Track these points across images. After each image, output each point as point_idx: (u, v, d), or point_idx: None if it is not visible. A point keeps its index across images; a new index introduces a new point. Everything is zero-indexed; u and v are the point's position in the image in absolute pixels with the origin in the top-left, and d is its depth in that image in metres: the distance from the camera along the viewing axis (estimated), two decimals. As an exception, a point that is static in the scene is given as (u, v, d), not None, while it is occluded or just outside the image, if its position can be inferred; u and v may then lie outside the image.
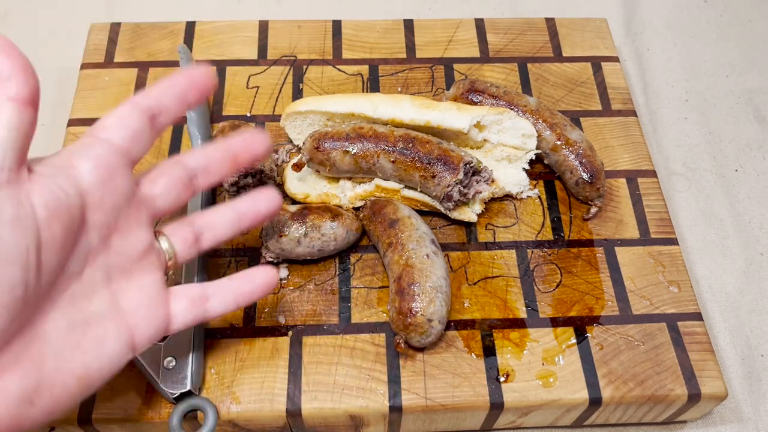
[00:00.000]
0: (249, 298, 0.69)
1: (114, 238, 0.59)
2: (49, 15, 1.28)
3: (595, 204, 0.94)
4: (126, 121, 0.60)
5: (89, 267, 0.57)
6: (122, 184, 0.59)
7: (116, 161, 0.58)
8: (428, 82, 1.08)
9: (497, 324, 0.84)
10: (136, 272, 0.62)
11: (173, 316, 0.64)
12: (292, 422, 0.79)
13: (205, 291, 0.67)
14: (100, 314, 0.58)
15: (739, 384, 0.92)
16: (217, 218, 0.69)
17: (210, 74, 0.64)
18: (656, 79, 1.25)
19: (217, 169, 0.67)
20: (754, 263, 1.03)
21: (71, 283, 0.55)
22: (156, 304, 0.63)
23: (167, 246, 0.65)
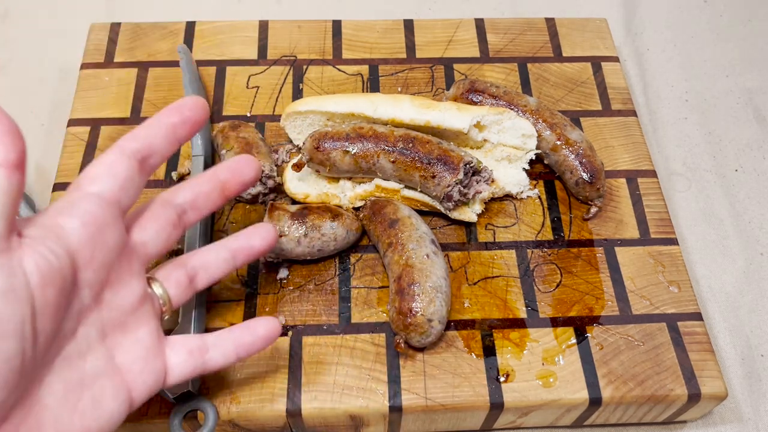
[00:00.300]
0: (250, 349, 0.68)
1: (106, 293, 0.57)
2: (49, 15, 1.28)
3: (595, 204, 0.94)
4: (114, 170, 0.57)
5: (82, 325, 0.55)
6: (112, 237, 0.56)
7: (105, 215, 0.56)
8: (428, 82, 1.08)
9: (497, 324, 0.84)
10: (131, 324, 0.60)
11: (170, 368, 0.63)
12: (292, 422, 0.79)
13: (204, 342, 0.66)
14: (96, 373, 0.56)
15: (739, 384, 0.92)
16: (212, 258, 0.68)
17: (201, 105, 0.62)
18: (656, 79, 1.25)
19: (205, 202, 0.66)
20: (754, 263, 1.03)
21: (65, 344, 0.54)
22: (152, 357, 0.61)
23: (161, 292, 0.64)
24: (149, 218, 0.62)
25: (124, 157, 0.58)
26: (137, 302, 0.60)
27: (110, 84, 1.05)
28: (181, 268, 0.67)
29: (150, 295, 0.63)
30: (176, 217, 0.64)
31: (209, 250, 0.69)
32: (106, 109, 1.02)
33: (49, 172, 1.05)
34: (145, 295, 0.62)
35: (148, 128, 0.60)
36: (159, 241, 0.63)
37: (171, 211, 0.64)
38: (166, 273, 0.66)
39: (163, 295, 0.64)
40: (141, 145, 0.59)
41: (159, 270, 0.66)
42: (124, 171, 0.58)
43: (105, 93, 1.04)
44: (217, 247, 0.69)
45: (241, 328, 0.68)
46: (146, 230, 0.62)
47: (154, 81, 1.05)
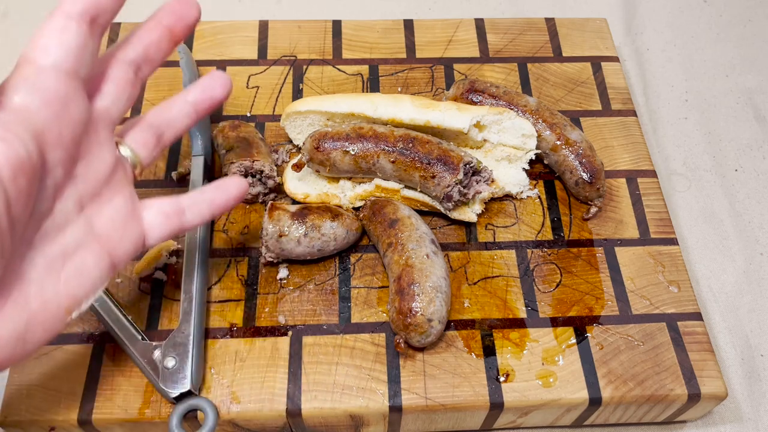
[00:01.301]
0: (223, 207, 0.69)
1: (78, 166, 0.56)
2: (49, 15, 1.28)
3: (595, 204, 0.94)
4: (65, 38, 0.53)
5: (58, 201, 0.54)
6: (77, 111, 0.54)
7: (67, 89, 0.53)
8: (428, 82, 1.08)
9: (497, 324, 0.84)
10: (106, 192, 0.59)
11: (148, 230, 0.63)
12: (292, 422, 0.79)
13: (180, 204, 0.66)
14: (77, 243, 0.56)
15: (739, 384, 0.92)
16: (174, 113, 0.67)
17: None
18: (656, 79, 1.25)
19: (156, 52, 0.63)
20: (754, 263, 1.03)
21: (42, 221, 0.53)
22: (130, 223, 0.61)
23: (131, 154, 0.63)
24: (107, 82, 0.60)
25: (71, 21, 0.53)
26: (110, 170, 0.59)
27: (110, 84, 1.04)
28: (147, 128, 0.65)
29: (121, 161, 0.62)
30: (132, 74, 0.62)
31: (171, 106, 0.68)
32: (106, 109, 1.02)
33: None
34: (117, 162, 0.61)
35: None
36: (120, 104, 0.61)
37: (126, 68, 0.61)
38: (133, 135, 0.64)
39: (133, 158, 0.63)
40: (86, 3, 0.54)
41: (125, 133, 0.64)
42: (76, 37, 0.53)
43: (105, 93, 1.03)
44: (178, 102, 0.68)
45: (212, 187, 0.69)
46: (107, 95, 0.59)
47: (154, 81, 1.05)
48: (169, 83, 1.05)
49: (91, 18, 0.54)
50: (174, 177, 0.95)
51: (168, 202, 0.66)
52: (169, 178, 0.95)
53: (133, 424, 0.77)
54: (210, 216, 0.68)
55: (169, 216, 0.65)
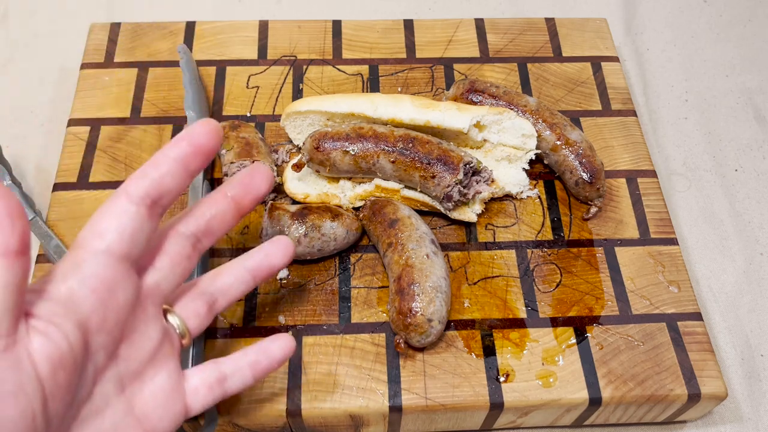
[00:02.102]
0: (267, 371, 0.66)
1: (122, 348, 0.54)
2: (49, 15, 1.28)
3: (595, 204, 0.94)
4: (122, 222, 0.52)
5: (98, 385, 0.52)
6: (124, 295, 0.52)
7: (115, 275, 0.52)
8: (428, 82, 1.08)
9: (497, 324, 0.84)
10: (150, 370, 0.57)
11: (191, 404, 0.61)
12: (292, 422, 0.79)
13: (222, 373, 0.63)
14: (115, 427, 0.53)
15: (739, 384, 0.92)
16: (231, 281, 0.65)
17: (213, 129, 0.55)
18: (656, 79, 1.25)
19: (219, 225, 0.61)
20: (754, 263, 1.03)
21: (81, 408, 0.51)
22: (172, 401, 0.59)
23: (179, 324, 0.61)
24: (163, 256, 0.58)
25: (131, 204, 0.52)
26: (156, 347, 0.57)
27: (110, 84, 1.05)
28: (200, 297, 0.63)
29: (168, 332, 0.59)
30: (191, 248, 0.60)
31: (228, 273, 0.65)
32: (106, 109, 1.02)
33: (49, 172, 1.05)
34: (163, 336, 0.58)
35: (155, 165, 0.54)
36: (173, 277, 0.59)
37: (184, 242, 0.59)
38: (184, 304, 0.62)
39: (181, 327, 0.61)
40: (149, 187, 0.53)
41: (176, 301, 0.62)
42: (133, 221, 0.52)
43: (105, 93, 1.04)
44: (236, 268, 0.65)
45: (256, 351, 0.66)
46: (160, 271, 0.58)
47: (154, 81, 1.05)
48: (169, 83, 1.05)
49: (153, 201, 0.53)
50: (174, 177, 0.95)
51: (210, 371, 0.63)
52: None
53: (133, 424, 0.77)
54: (253, 381, 0.65)
55: (212, 387, 0.62)
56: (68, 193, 0.93)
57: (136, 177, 0.53)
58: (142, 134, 0.99)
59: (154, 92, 1.04)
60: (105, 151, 0.98)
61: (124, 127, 1.00)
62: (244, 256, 0.67)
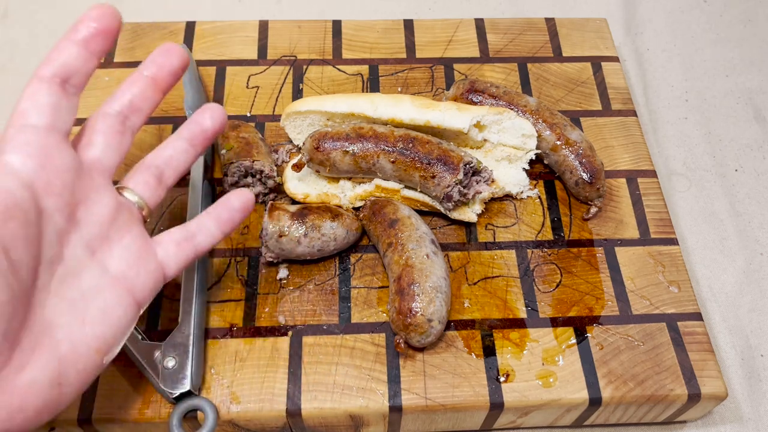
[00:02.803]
0: (230, 221, 0.71)
1: (79, 212, 0.59)
2: (49, 15, 1.28)
3: (595, 204, 0.94)
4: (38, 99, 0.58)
5: (66, 247, 0.57)
6: (62, 160, 0.58)
7: (47, 142, 0.57)
8: (428, 82, 1.08)
9: (497, 324, 0.84)
10: (115, 235, 0.62)
11: (165, 263, 0.66)
12: (292, 422, 0.79)
13: (189, 230, 0.69)
14: (95, 286, 0.59)
15: (739, 384, 0.92)
16: (171, 152, 0.70)
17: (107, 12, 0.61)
18: (656, 79, 1.25)
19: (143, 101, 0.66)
20: (754, 263, 1.03)
21: (55, 267, 0.56)
22: (144, 259, 0.64)
23: (135, 198, 0.66)
24: (95, 134, 0.63)
25: (43, 83, 0.58)
26: (113, 213, 0.62)
27: (110, 84, 1.05)
28: (146, 170, 0.68)
29: (125, 204, 0.65)
30: (120, 125, 0.65)
31: (166, 146, 0.70)
32: (106, 109, 1.02)
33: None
34: (119, 205, 0.63)
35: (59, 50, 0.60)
36: (111, 152, 0.64)
37: (112, 120, 0.64)
38: (135, 178, 0.67)
39: (138, 201, 0.66)
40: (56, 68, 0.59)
41: (127, 179, 0.67)
42: (48, 96, 0.58)
43: (105, 93, 1.04)
44: (173, 140, 0.70)
45: (217, 206, 0.71)
46: (96, 145, 0.63)
47: (154, 81, 1.05)
48: (169, 83, 1.05)
49: (62, 80, 0.59)
50: (174, 177, 0.95)
51: (177, 230, 0.68)
52: (169, 178, 0.95)
53: (133, 424, 0.77)
54: (221, 234, 0.70)
55: (180, 243, 0.67)
56: (68, 193, 0.93)
57: (43, 62, 0.59)
58: (141, 134, 0.99)
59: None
60: (105, 151, 0.97)
61: (124, 127, 1.00)
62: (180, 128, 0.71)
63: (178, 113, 1.01)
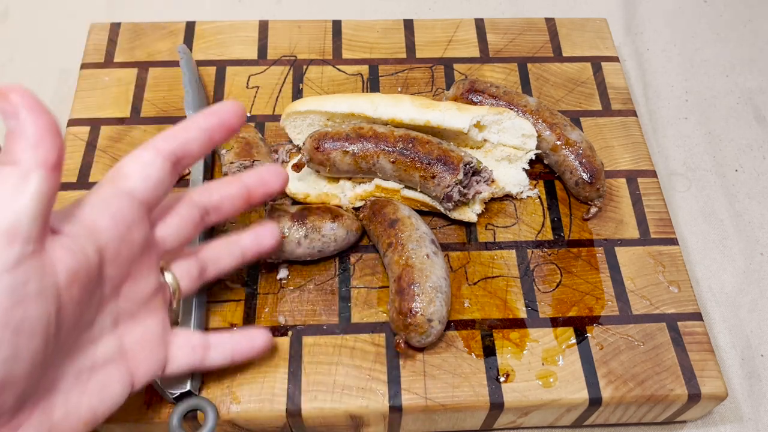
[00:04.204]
0: (245, 356, 0.73)
1: (125, 285, 0.59)
2: (49, 15, 1.28)
3: (595, 204, 0.94)
4: (148, 171, 0.59)
5: (99, 315, 0.57)
6: (138, 235, 0.58)
7: (135, 214, 0.58)
8: (428, 82, 1.08)
9: (497, 324, 0.84)
10: (143, 314, 0.62)
11: (171, 359, 0.66)
12: (292, 422, 0.79)
13: (207, 341, 0.69)
14: (106, 359, 0.59)
15: (739, 384, 0.92)
16: (223, 252, 0.71)
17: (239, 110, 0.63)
18: (656, 79, 1.25)
19: (229, 206, 0.68)
20: (754, 263, 1.03)
21: (82, 333, 0.56)
22: (157, 346, 0.64)
23: (172, 281, 0.66)
24: (174, 215, 0.64)
25: (159, 157, 0.59)
26: (151, 294, 0.63)
27: (110, 84, 1.05)
28: (193, 260, 0.69)
29: (163, 286, 0.65)
30: (199, 217, 0.66)
31: (221, 244, 0.72)
32: (106, 109, 1.02)
33: (49, 172, 1.05)
34: (159, 287, 0.64)
35: (185, 130, 0.61)
36: (178, 238, 0.65)
37: (195, 211, 0.66)
38: (179, 264, 0.68)
39: (173, 285, 0.66)
40: (176, 146, 0.60)
41: (172, 260, 0.68)
42: (157, 172, 0.59)
43: (105, 93, 1.04)
44: (229, 242, 0.72)
45: (241, 334, 0.72)
46: (169, 227, 0.64)
47: (153, 81, 1.05)
48: (169, 83, 1.05)
49: (177, 159, 0.60)
50: (174, 177, 0.95)
51: (197, 335, 0.69)
52: (169, 178, 0.95)
53: (133, 424, 0.77)
54: (231, 361, 0.71)
55: (195, 350, 0.68)
56: (68, 193, 0.93)
57: (166, 136, 0.60)
58: (141, 134, 0.99)
59: (154, 92, 1.04)
60: (105, 151, 0.97)
61: (123, 127, 1.00)
62: (238, 234, 0.73)
63: (179, 113, 1.01)
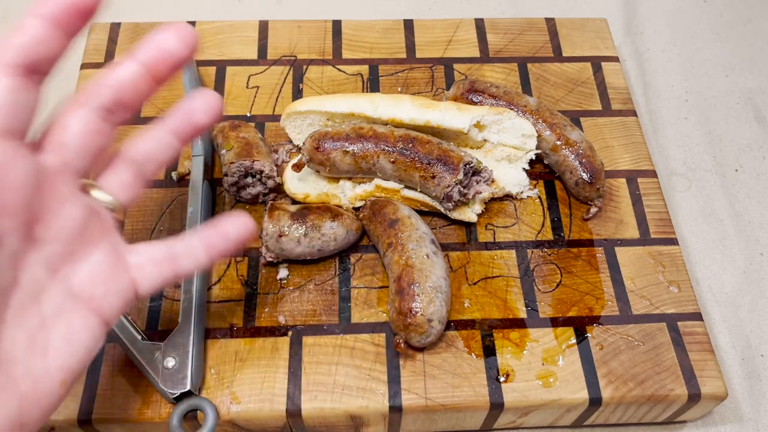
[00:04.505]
0: (222, 252, 0.61)
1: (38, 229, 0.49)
2: (49, 15, 1.28)
3: (595, 204, 0.94)
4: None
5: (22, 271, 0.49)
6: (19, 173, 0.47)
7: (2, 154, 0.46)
8: (428, 82, 1.08)
9: (497, 324, 0.84)
10: (81, 249, 0.53)
11: (138, 280, 0.57)
12: (292, 422, 0.79)
13: (173, 250, 0.59)
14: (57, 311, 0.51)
15: (739, 384, 0.92)
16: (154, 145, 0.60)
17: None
18: (656, 79, 1.25)
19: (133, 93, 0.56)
20: (754, 263, 1.03)
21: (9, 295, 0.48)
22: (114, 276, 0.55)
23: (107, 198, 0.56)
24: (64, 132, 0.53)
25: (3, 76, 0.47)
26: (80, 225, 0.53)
27: (110, 84, 1.04)
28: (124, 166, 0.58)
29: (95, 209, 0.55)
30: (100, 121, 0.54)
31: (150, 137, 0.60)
32: (106, 109, 1.02)
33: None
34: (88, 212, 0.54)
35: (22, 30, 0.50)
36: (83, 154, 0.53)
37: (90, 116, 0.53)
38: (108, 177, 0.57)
39: (111, 202, 0.56)
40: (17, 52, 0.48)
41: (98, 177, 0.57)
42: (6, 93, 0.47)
43: (105, 93, 1.03)
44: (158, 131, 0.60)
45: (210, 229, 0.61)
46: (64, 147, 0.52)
47: (154, 81, 1.05)
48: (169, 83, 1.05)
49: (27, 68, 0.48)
50: (174, 177, 0.95)
51: (158, 247, 0.59)
52: (169, 178, 0.95)
53: (133, 424, 0.77)
54: (208, 262, 0.61)
55: (159, 263, 0.58)
56: (68, 193, 0.93)
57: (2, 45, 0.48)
58: (142, 134, 0.99)
59: (154, 92, 1.04)
60: (105, 151, 0.97)
61: (124, 127, 1.00)
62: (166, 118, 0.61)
63: (178, 113, 1.01)
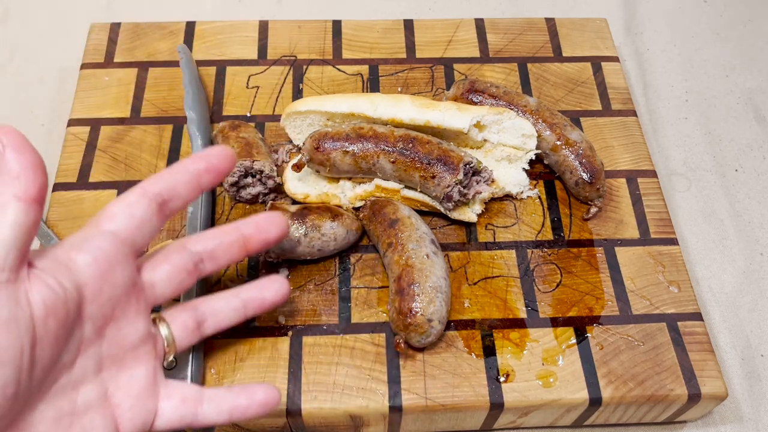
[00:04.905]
0: (245, 414, 0.65)
1: (109, 328, 0.58)
2: (49, 15, 1.28)
3: (595, 204, 0.94)
4: (132, 210, 0.58)
5: (81, 357, 0.55)
6: (122, 275, 0.57)
7: (117, 253, 0.57)
8: (428, 82, 1.08)
9: (497, 324, 0.84)
10: (130, 361, 0.60)
11: (161, 412, 0.62)
12: (292, 422, 0.79)
13: (201, 394, 0.64)
14: (87, 405, 0.56)
15: (739, 384, 0.92)
16: (222, 305, 0.68)
17: (229, 155, 0.63)
18: (656, 79, 1.25)
19: (224, 254, 0.66)
20: (754, 263, 1.03)
21: (62, 373, 0.54)
22: (145, 398, 0.61)
23: (167, 333, 0.64)
24: (162, 260, 0.63)
25: (144, 198, 0.59)
26: (139, 341, 0.61)
27: (110, 84, 1.05)
28: (190, 312, 0.67)
29: (154, 336, 0.63)
30: (192, 264, 0.64)
31: (221, 297, 0.69)
32: (106, 109, 1.02)
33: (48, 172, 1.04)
34: (148, 334, 0.62)
35: (173, 173, 0.61)
36: (170, 285, 0.63)
37: (187, 257, 0.64)
38: (174, 314, 0.66)
39: (168, 336, 0.64)
40: (163, 188, 0.60)
41: (167, 311, 0.66)
42: (142, 212, 0.59)
43: (105, 93, 1.04)
44: (229, 295, 0.69)
45: (239, 390, 0.66)
46: (157, 272, 0.62)
47: (153, 81, 1.05)
48: (169, 83, 1.05)
49: (164, 200, 0.60)
50: (174, 177, 0.95)
51: (191, 387, 0.64)
52: (169, 178, 0.95)
53: (133, 424, 0.77)
54: (228, 418, 0.65)
55: (185, 402, 0.63)
56: (68, 194, 0.93)
57: (154, 178, 0.61)
58: (142, 134, 0.99)
59: (154, 92, 1.04)
60: (105, 151, 0.98)
61: (123, 127, 1.00)
62: (241, 286, 0.70)
63: (178, 113, 1.01)
